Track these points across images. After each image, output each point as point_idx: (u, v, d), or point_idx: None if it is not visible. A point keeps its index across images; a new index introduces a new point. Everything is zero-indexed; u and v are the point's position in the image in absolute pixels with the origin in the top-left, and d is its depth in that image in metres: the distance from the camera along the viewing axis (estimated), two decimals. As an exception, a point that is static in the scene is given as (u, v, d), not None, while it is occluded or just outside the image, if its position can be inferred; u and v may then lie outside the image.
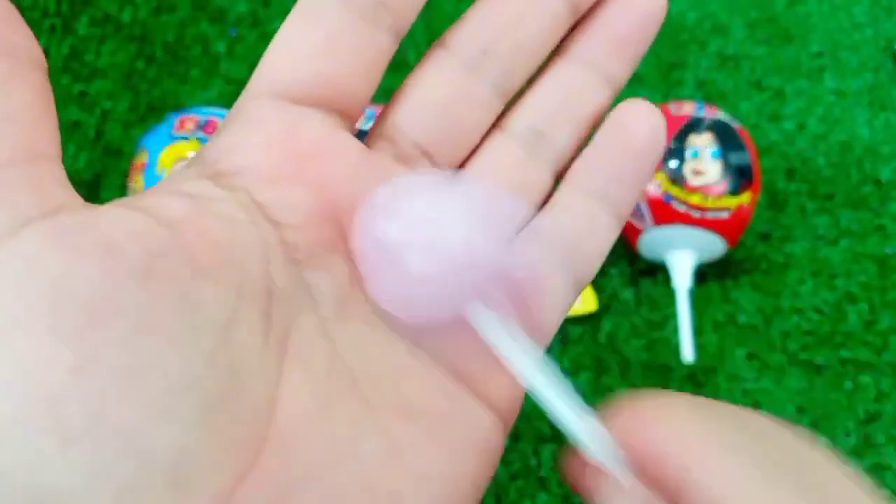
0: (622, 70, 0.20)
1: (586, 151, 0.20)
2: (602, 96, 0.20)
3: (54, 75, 0.48)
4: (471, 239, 0.15)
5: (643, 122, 0.19)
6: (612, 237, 0.20)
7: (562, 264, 0.19)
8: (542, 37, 0.19)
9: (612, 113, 0.20)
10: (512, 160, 0.19)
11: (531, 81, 0.20)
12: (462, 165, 0.19)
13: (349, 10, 0.17)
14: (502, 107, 0.19)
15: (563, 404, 0.14)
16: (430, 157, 0.19)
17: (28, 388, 0.12)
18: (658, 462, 0.14)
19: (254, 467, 0.14)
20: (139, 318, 0.13)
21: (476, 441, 0.17)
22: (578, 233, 0.19)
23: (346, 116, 0.18)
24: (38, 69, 0.15)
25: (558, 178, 0.20)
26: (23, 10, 0.53)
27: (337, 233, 0.17)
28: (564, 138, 0.20)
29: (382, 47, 0.18)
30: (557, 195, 0.20)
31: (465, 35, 0.19)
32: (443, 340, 0.17)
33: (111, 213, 0.14)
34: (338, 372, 0.15)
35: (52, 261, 0.13)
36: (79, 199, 0.14)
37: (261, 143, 0.17)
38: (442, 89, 0.19)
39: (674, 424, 0.14)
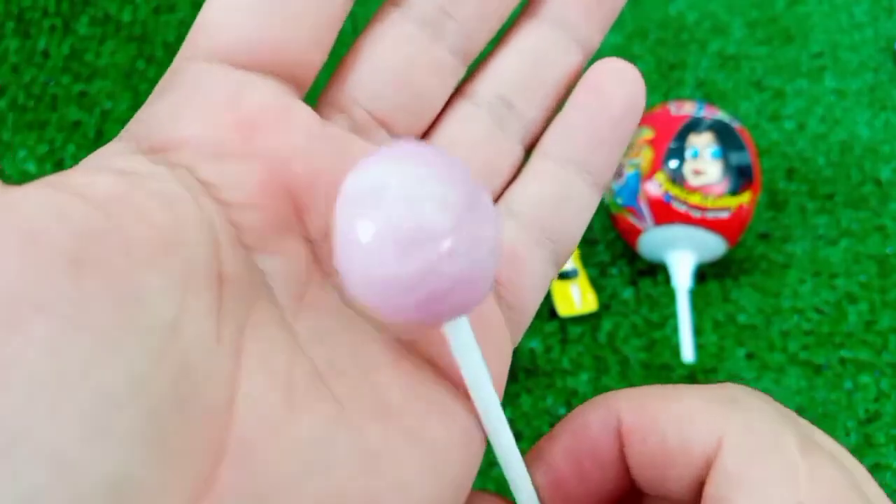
0: (595, 32, 0.18)
1: (559, 118, 0.18)
2: (574, 60, 0.18)
3: (54, 75, 0.48)
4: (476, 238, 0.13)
5: (620, 83, 0.17)
6: (591, 207, 0.18)
7: (539, 240, 0.17)
8: None
9: (586, 74, 0.18)
10: (480, 132, 0.17)
11: (496, 43, 0.18)
12: (424, 136, 0.17)
13: None
14: (464, 70, 0.18)
15: (508, 446, 0.15)
16: (388, 128, 0.17)
17: None
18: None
19: (211, 485, 0.12)
20: (69, 315, 0.11)
21: (456, 441, 0.15)
22: (555, 204, 0.17)
23: (296, 84, 0.16)
24: None
25: (529, 148, 0.18)
26: (23, 10, 0.53)
27: (292, 212, 0.15)
28: (535, 106, 0.18)
29: (336, 5, 0.16)
30: (530, 166, 0.18)
31: None
32: (415, 330, 0.15)
33: (32, 194, 0.12)
34: (301, 368, 0.14)
35: None
36: None
37: (201, 113, 0.14)
38: (398, 52, 0.17)
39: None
